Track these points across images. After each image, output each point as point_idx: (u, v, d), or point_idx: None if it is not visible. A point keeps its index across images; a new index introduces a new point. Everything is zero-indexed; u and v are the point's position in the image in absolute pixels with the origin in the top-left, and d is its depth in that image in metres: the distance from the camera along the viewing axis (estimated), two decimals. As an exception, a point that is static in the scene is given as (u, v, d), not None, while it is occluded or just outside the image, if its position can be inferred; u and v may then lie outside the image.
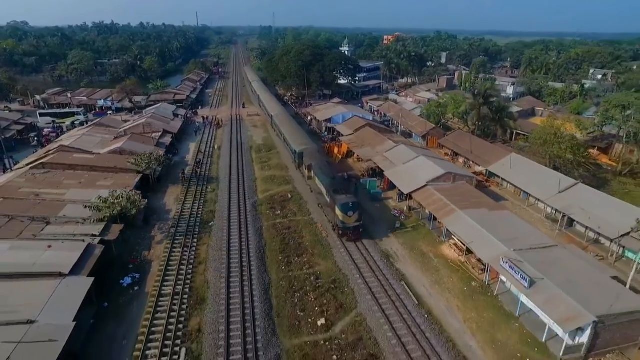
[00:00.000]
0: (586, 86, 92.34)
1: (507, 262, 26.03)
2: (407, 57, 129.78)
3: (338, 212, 32.94)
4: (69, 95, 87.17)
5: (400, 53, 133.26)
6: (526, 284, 24.25)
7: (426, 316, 25.58)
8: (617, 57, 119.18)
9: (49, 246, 27.12)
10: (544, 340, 23.56)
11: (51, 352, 18.97)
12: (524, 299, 25.02)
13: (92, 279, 24.88)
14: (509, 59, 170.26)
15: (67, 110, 79.01)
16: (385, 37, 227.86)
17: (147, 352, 22.49)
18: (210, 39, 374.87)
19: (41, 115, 74.15)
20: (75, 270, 25.17)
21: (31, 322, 20.52)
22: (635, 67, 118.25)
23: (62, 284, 23.86)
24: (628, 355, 22.60)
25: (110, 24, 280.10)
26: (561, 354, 22.31)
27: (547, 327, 23.46)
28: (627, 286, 25.86)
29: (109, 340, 23.50)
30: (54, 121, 72.09)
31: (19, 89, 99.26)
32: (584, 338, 22.22)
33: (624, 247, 31.82)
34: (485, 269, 29.32)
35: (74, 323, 21.06)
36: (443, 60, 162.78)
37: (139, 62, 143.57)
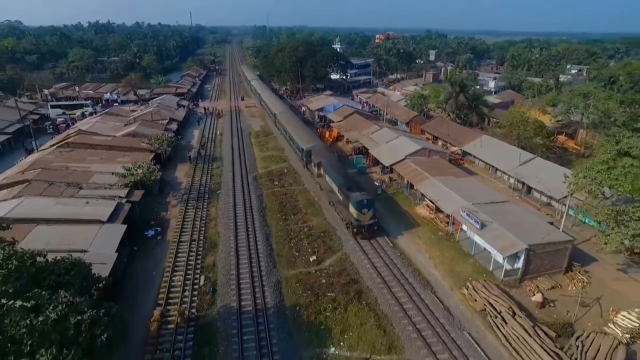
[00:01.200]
0: (561, 80, 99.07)
1: (465, 212, 32.01)
2: (395, 54, 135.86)
3: (352, 209, 32.34)
4: (77, 89, 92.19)
5: (390, 50, 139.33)
6: (478, 226, 30.20)
7: (399, 254, 31.51)
8: (593, 54, 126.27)
9: (87, 202, 32.75)
10: (491, 269, 29.59)
11: (103, 270, 24.56)
12: (477, 239, 30.95)
13: (125, 225, 30.54)
14: (495, 57, 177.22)
15: (75, 102, 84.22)
16: (377, 36, 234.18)
17: (174, 279, 28.20)
18: (205, 38, 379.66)
19: (52, 107, 79.32)
20: (111, 219, 30.90)
21: (85, 251, 26.14)
22: (612, 63, 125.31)
23: (103, 228, 29.49)
24: (554, 278, 28.61)
25: (107, 23, 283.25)
26: (502, 276, 28.32)
27: (493, 259, 29.47)
28: (560, 229, 31.94)
29: (141, 273, 29.19)
30: (64, 112, 77.25)
31: (25, 84, 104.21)
32: (520, 264, 28.24)
33: (567, 206, 37.89)
34: (449, 222, 35.29)
35: (117, 253, 26.74)
36: (432, 58, 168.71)
37: (137, 60, 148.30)
